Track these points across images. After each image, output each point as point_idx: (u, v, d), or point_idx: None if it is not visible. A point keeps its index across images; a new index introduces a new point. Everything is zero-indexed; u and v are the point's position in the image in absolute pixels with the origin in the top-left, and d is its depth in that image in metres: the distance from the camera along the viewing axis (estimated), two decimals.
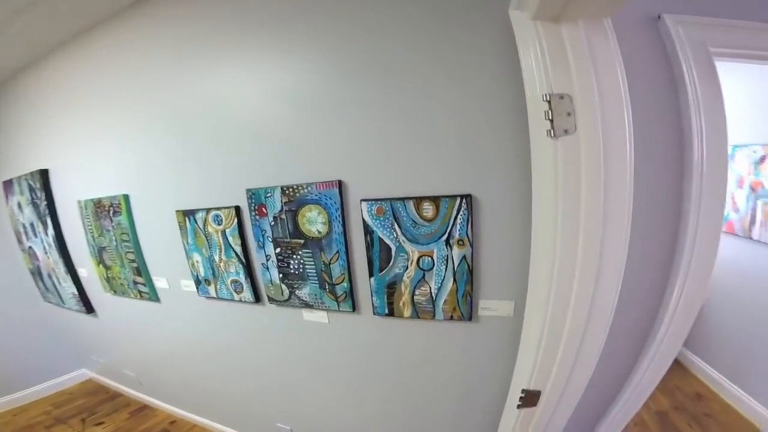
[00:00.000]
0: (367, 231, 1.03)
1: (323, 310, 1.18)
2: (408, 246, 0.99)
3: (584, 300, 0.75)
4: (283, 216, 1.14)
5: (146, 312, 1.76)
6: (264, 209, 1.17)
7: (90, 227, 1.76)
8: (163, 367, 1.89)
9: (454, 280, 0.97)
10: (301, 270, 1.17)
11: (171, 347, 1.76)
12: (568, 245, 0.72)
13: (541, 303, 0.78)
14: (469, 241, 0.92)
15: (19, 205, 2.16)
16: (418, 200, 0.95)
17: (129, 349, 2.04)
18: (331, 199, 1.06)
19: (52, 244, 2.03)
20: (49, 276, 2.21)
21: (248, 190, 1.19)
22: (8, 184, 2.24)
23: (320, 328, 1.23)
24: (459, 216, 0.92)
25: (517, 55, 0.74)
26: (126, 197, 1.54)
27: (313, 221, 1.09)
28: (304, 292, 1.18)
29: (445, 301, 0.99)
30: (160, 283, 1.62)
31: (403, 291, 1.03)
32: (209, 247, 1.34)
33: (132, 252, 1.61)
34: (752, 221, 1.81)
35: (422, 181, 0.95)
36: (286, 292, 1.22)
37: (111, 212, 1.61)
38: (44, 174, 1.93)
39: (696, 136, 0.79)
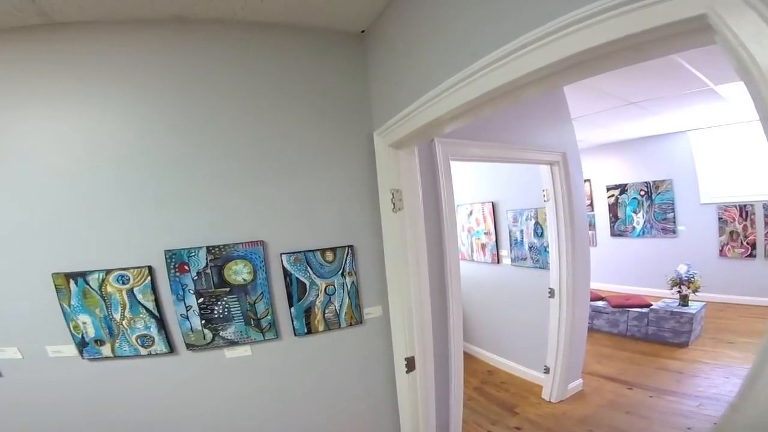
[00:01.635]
0: (287, 274, 1.42)
1: (248, 344, 1.44)
2: (318, 280, 1.45)
3: (416, 298, 1.46)
4: (208, 271, 1.35)
5: None
6: (186, 267, 1.33)
7: None
8: None
9: (349, 297, 1.51)
10: (226, 313, 1.39)
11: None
12: (402, 269, 1.42)
13: (396, 303, 1.45)
14: (354, 272, 1.50)
15: None
16: (323, 250, 1.43)
17: None
18: (256, 254, 1.37)
19: None
20: None
21: (167, 251, 1.31)
22: None
23: (244, 361, 1.47)
24: (347, 258, 1.47)
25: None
26: None
27: (239, 272, 1.37)
28: (229, 331, 1.41)
29: (345, 312, 1.51)
30: (3, 354, 1.30)
31: (317, 312, 1.48)
32: (107, 307, 1.29)
33: None
34: (471, 250, 3.37)
35: (322, 236, 1.46)
36: (209, 335, 1.39)
37: None
38: None
39: (442, 199, 1.69)
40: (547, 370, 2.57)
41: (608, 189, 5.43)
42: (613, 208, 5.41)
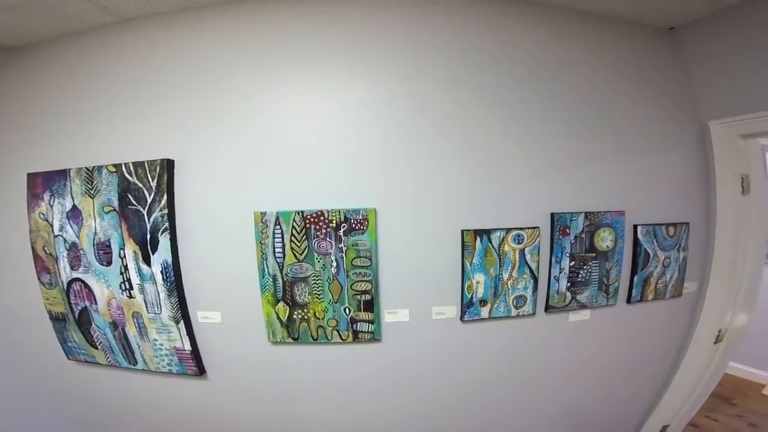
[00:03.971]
0: (637, 244, 1.51)
1: (591, 308, 1.52)
2: (660, 252, 1.54)
3: (748, 275, 1.55)
4: (583, 236, 1.44)
5: (351, 357, 1.43)
6: (568, 230, 1.43)
7: (279, 250, 1.27)
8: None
9: (678, 271, 1.58)
10: (587, 277, 1.47)
11: (389, 388, 1.47)
12: (736, 248, 1.51)
13: (720, 279, 1.59)
14: (686, 247, 1.57)
15: (74, 212, 1.36)
16: (668, 225, 1.53)
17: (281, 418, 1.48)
18: (618, 223, 1.48)
19: (160, 276, 1.32)
20: (117, 325, 1.40)
21: (554, 213, 1.41)
22: (49, 180, 1.38)
23: (582, 325, 1.54)
24: (683, 234, 1.56)
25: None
26: (373, 212, 1.30)
27: (605, 239, 1.46)
28: (584, 295, 1.49)
29: (672, 285, 1.59)
30: (393, 316, 1.39)
31: (651, 282, 1.56)
32: (500, 266, 1.39)
33: (367, 281, 1.32)
34: None
35: (664, 211, 1.54)
36: (569, 298, 1.48)
37: (342, 230, 1.28)
38: (169, 167, 1.24)
39: None
40: None
41: None
42: None
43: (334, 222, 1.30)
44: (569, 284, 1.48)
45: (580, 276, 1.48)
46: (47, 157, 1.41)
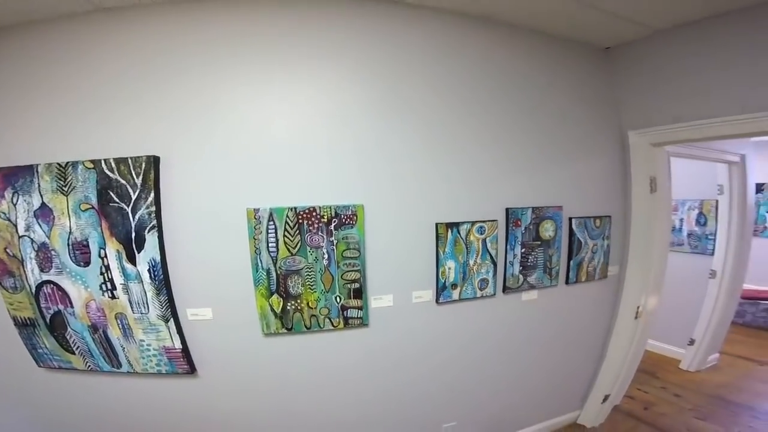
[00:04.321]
0: (572, 234, 1.86)
1: (538, 288, 1.85)
2: (589, 241, 1.92)
3: (656, 259, 2.00)
4: (531, 227, 1.76)
5: (343, 342, 1.56)
6: (519, 222, 1.72)
7: (272, 245, 1.34)
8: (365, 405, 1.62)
9: (603, 256, 1.98)
10: (534, 262, 1.79)
11: (378, 371, 1.63)
12: (647, 237, 1.96)
13: (636, 263, 1.99)
14: (608, 236, 1.98)
15: (43, 211, 1.30)
16: (594, 218, 1.92)
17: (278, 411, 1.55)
18: (558, 216, 1.82)
19: (148, 275, 1.32)
20: (98, 328, 1.37)
21: (508, 209, 1.70)
22: (11, 176, 1.31)
23: (532, 303, 1.87)
24: (606, 225, 1.97)
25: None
26: (361, 207, 1.43)
27: (548, 230, 1.79)
28: (533, 277, 1.81)
29: (599, 268, 1.98)
30: (379, 302, 1.56)
31: (584, 265, 1.94)
32: (467, 254, 1.62)
33: (356, 270, 1.46)
34: None
35: (591, 206, 1.93)
36: (521, 279, 1.78)
37: (333, 224, 1.39)
38: (155, 163, 1.24)
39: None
40: (692, 342, 2.97)
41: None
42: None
43: (326, 217, 1.42)
44: (521, 268, 1.78)
45: (529, 261, 1.79)
46: (8, 152, 1.31)
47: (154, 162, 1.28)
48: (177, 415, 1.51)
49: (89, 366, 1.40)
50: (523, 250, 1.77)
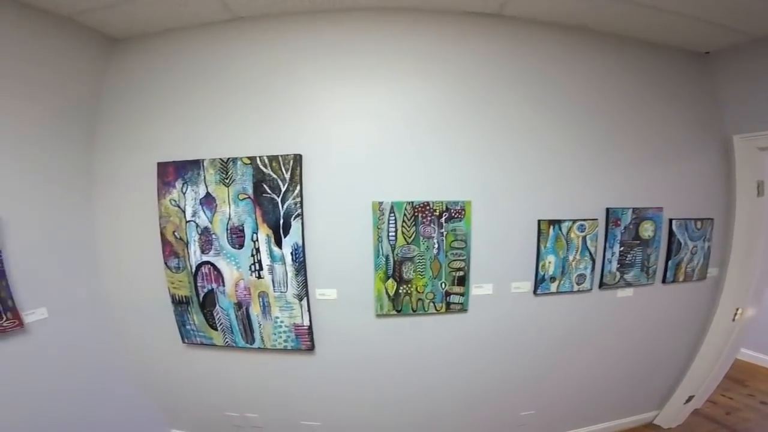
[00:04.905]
0: (671, 234, 1.82)
1: (635, 286, 1.83)
2: (689, 242, 1.87)
3: (761, 261, 1.89)
4: (630, 226, 1.75)
5: (439, 326, 1.68)
6: (618, 222, 1.73)
7: (392, 234, 1.50)
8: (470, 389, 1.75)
9: (703, 258, 1.91)
10: (632, 260, 1.78)
11: (471, 353, 1.73)
12: (751, 240, 1.85)
13: (738, 265, 1.89)
14: (710, 238, 1.90)
15: (207, 199, 1.55)
16: (695, 220, 1.87)
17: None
18: (657, 217, 1.79)
19: (290, 257, 1.53)
20: (242, 305, 1.59)
21: (608, 208, 1.72)
22: (180, 169, 1.56)
23: (627, 300, 1.85)
24: (709, 227, 1.89)
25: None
26: (469, 203, 1.55)
27: (647, 230, 1.78)
28: (630, 275, 1.80)
29: (698, 269, 1.91)
30: (480, 290, 1.65)
31: (682, 266, 1.88)
32: (567, 250, 1.67)
33: (461, 260, 1.57)
34: None
35: (692, 209, 1.87)
36: (618, 277, 1.78)
37: (444, 218, 1.52)
38: (300, 160, 1.44)
39: None
40: None
41: None
42: None
43: (438, 211, 1.55)
44: (619, 265, 1.78)
45: (627, 259, 1.79)
46: (178, 148, 1.58)
47: (299, 159, 1.49)
48: (295, 387, 1.73)
49: (227, 342, 1.64)
50: (621, 248, 1.77)
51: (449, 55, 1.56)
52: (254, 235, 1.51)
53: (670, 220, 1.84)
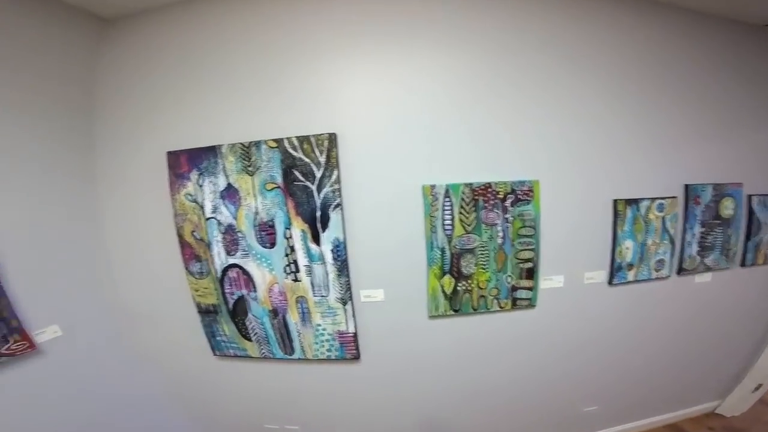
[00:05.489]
0: (751, 212, 1.61)
1: (714, 270, 1.62)
2: None
3: None
4: (711, 204, 1.54)
5: (503, 324, 1.46)
6: (699, 199, 1.51)
7: (448, 222, 1.27)
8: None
9: None
10: (713, 242, 1.57)
11: (538, 351, 1.53)
12: None
13: None
14: None
15: (229, 191, 1.30)
16: None
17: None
18: (737, 193, 1.58)
19: (330, 255, 1.29)
20: (278, 313, 1.36)
21: (687, 185, 1.50)
22: (195, 158, 1.32)
23: (702, 287, 1.65)
24: None
25: None
26: (537, 183, 1.32)
27: (728, 207, 1.57)
28: (710, 258, 1.59)
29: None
30: (548, 283, 1.43)
31: (761, 247, 1.67)
32: (646, 233, 1.45)
33: (530, 249, 1.35)
34: None
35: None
36: (697, 261, 1.57)
37: (509, 201, 1.29)
38: (335, 141, 1.20)
39: None
40: None
41: None
42: None
43: (501, 193, 1.32)
44: (699, 248, 1.57)
45: (707, 241, 1.58)
46: (190, 135, 1.34)
47: (334, 139, 1.25)
48: (338, 398, 1.50)
49: (263, 353, 1.41)
50: (702, 229, 1.56)
51: (518, 23, 1.31)
52: (287, 231, 1.28)
53: (750, 197, 1.64)
